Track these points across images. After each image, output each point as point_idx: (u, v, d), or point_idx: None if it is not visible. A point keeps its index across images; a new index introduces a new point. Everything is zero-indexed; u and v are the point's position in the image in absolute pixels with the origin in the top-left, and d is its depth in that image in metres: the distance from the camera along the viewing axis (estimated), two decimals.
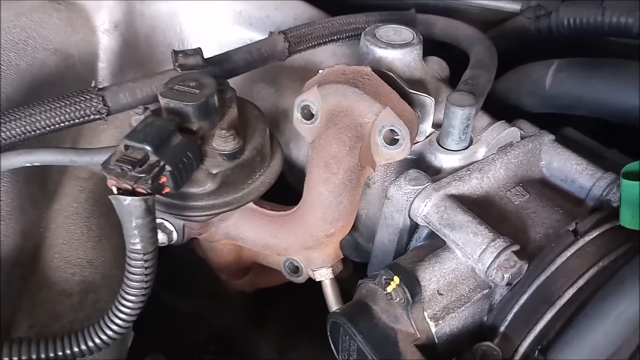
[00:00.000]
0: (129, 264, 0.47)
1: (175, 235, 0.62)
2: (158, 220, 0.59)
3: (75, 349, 0.51)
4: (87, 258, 0.61)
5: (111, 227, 0.65)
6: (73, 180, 0.69)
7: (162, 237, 0.61)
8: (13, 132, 0.55)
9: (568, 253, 0.47)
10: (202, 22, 0.83)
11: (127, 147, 0.48)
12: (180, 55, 0.60)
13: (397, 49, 0.60)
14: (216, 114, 0.54)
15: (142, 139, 0.48)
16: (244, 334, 0.81)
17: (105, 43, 0.76)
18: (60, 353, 0.51)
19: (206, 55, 0.63)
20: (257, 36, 0.81)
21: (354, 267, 0.70)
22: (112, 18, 0.77)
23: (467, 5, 0.86)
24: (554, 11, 0.75)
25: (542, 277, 0.47)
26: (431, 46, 0.69)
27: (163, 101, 0.52)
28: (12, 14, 0.74)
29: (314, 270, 0.61)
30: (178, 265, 0.71)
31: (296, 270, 0.63)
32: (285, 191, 0.65)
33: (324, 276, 0.60)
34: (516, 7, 0.82)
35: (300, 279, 0.64)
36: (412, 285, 0.49)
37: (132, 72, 0.80)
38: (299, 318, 0.77)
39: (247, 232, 0.61)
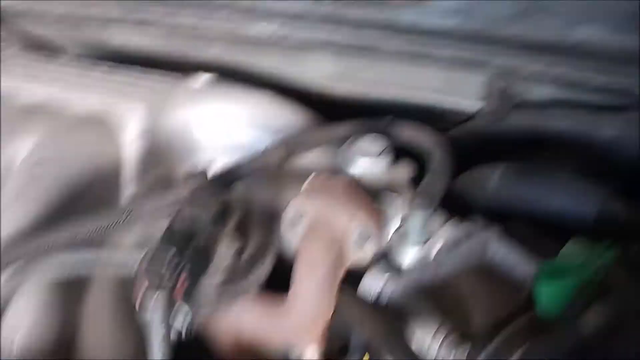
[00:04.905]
0: None
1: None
2: None
3: None
4: None
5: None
6: None
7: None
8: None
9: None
10: (213, 126, 0.99)
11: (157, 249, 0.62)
12: (190, 175, 0.75)
13: (368, 161, 0.75)
14: (226, 219, 0.68)
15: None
16: None
17: (132, 151, 0.92)
18: None
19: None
20: (261, 134, 0.96)
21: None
22: (138, 130, 0.93)
23: (432, 106, 1.02)
24: (504, 118, 0.90)
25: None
26: None
27: (186, 212, 0.66)
28: (61, 131, 0.90)
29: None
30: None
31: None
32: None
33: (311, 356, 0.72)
34: (476, 109, 0.98)
35: None
36: None
37: (152, 170, 0.95)
38: None
39: (247, 322, 0.72)
